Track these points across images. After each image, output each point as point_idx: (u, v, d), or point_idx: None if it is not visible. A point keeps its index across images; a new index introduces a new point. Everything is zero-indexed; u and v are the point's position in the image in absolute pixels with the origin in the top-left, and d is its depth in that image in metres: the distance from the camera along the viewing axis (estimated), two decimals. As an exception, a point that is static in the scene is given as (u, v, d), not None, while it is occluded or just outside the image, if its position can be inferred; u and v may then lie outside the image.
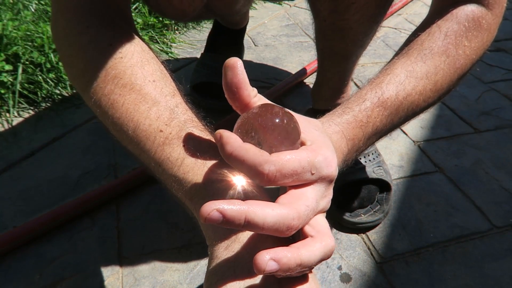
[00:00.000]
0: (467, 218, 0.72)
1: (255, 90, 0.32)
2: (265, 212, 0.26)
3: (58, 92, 0.92)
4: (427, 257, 0.65)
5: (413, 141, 0.89)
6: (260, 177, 0.28)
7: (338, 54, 0.70)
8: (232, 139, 0.28)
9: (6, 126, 0.84)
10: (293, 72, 1.06)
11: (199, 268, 0.61)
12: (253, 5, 1.48)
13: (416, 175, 0.80)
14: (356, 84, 1.07)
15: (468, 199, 0.76)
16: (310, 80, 1.06)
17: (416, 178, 0.80)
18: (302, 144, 0.31)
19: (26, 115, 0.87)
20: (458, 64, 0.45)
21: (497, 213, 0.73)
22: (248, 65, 1.10)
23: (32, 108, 0.89)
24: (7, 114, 0.86)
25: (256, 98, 0.32)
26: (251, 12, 1.43)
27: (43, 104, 0.89)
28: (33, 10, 1.10)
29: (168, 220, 0.68)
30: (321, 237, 0.29)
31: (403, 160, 0.84)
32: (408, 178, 0.80)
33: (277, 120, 0.29)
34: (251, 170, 0.28)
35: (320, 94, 0.79)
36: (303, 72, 1.06)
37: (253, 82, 1.07)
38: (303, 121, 0.34)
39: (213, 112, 0.92)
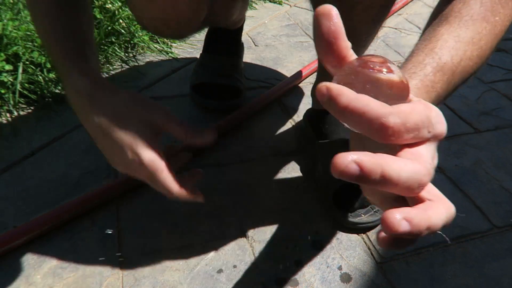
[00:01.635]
0: (467, 218, 0.72)
1: (349, 43, 0.29)
2: (399, 166, 0.24)
3: (58, 92, 0.92)
4: (428, 257, 0.65)
5: (413, 141, 0.89)
6: (384, 131, 0.24)
7: None
8: (345, 90, 0.24)
9: (7, 126, 0.84)
10: (293, 72, 1.06)
11: (199, 268, 0.61)
12: (253, 5, 1.48)
13: (416, 175, 0.80)
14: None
15: (468, 199, 0.76)
16: (310, 80, 1.06)
17: (416, 178, 0.79)
18: (409, 101, 0.28)
19: (26, 115, 0.87)
20: (497, 30, 0.44)
21: (497, 213, 0.73)
22: (248, 65, 1.10)
23: (32, 108, 0.89)
24: (8, 114, 0.86)
25: (351, 51, 0.28)
26: (251, 12, 1.43)
27: (43, 104, 0.89)
28: (33, 10, 1.10)
29: (168, 220, 0.68)
30: (442, 200, 0.27)
31: (403, 160, 0.84)
32: (408, 178, 0.79)
33: (390, 72, 0.25)
34: (373, 123, 0.24)
35: None
36: (301, 74, 1.06)
37: (253, 82, 1.07)
38: None
39: (213, 112, 0.92)
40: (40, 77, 0.91)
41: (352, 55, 0.28)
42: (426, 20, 0.51)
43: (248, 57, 1.14)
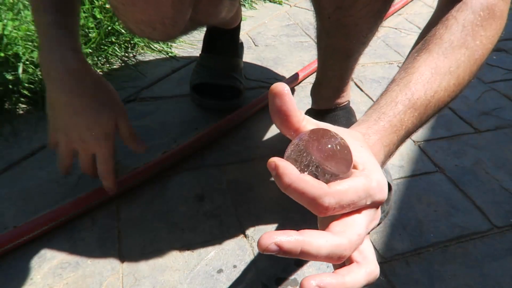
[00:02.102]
0: (468, 218, 0.72)
1: (302, 113, 0.32)
2: (319, 244, 0.27)
3: (58, 92, 0.92)
4: (428, 257, 0.65)
5: (413, 141, 0.89)
6: (320, 210, 0.28)
7: (340, 52, 0.69)
8: (289, 170, 0.27)
9: (6, 126, 0.84)
10: (293, 72, 1.06)
11: (199, 268, 0.61)
12: (253, 5, 1.48)
13: (416, 175, 0.80)
14: (356, 84, 1.07)
15: (469, 199, 0.76)
16: (310, 80, 1.06)
17: (417, 178, 0.80)
18: (354, 167, 0.32)
19: (27, 115, 0.87)
20: (477, 55, 0.45)
21: (497, 213, 0.73)
22: (248, 65, 1.10)
23: (32, 108, 0.89)
24: (8, 114, 0.86)
25: (304, 121, 0.32)
26: (251, 12, 1.43)
27: (43, 104, 0.89)
28: (33, 10, 1.10)
29: (168, 220, 0.68)
30: (367, 264, 0.30)
31: (403, 160, 0.84)
32: (409, 178, 0.80)
33: (332, 146, 0.28)
34: (310, 202, 0.28)
35: (320, 94, 0.79)
36: (297, 76, 1.06)
37: (253, 82, 1.07)
38: (348, 137, 0.33)
39: (213, 112, 0.92)
40: (40, 77, 0.91)
41: (305, 125, 0.32)
42: (426, 20, 0.51)
43: (248, 57, 1.14)
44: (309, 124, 0.32)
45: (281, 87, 0.29)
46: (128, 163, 0.77)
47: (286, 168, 0.28)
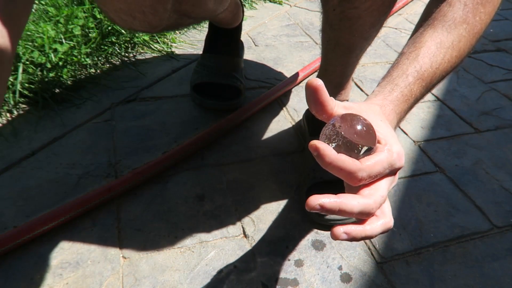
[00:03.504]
0: (468, 218, 0.72)
1: (334, 100, 0.38)
2: (352, 204, 0.34)
3: (58, 92, 0.92)
4: (428, 257, 0.65)
5: (414, 141, 0.89)
6: (355, 181, 0.35)
7: (343, 46, 0.70)
8: (328, 151, 0.33)
9: (7, 126, 0.84)
10: (293, 72, 1.06)
11: (199, 268, 0.61)
12: (253, 5, 1.48)
13: (416, 175, 0.80)
14: (356, 84, 1.07)
15: (469, 199, 0.76)
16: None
17: (417, 178, 0.80)
18: (378, 142, 0.38)
19: (27, 115, 0.87)
20: (476, 29, 0.50)
21: (497, 213, 0.73)
22: (248, 65, 1.10)
23: (32, 108, 0.89)
24: (8, 114, 0.86)
25: (336, 107, 0.38)
26: (251, 12, 1.43)
27: (44, 104, 0.89)
28: (33, 10, 1.10)
29: (168, 220, 0.68)
30: (384, 217, 0.37)
31: (403, 160, 0.84)
32: (409, 178, 0.79)
33: (360, 127, 0.36)
34: (347, 176, 0.35)
35: None
36: (297, 76, 1.06)
37: (253, 82, 1.07)
38: (370, 113, 0.41)
39: (213, 112, 0.92)
40: (40, 77, 0.91)
41: (336, 111, 0.38)
42: (426, 20, 0.51)
43: (248, 57, 1.14)
44: (339, 107, 0.38)
45: (317, 82, 0.35)
46: (128, 163, 0.77)
47: (325, 150, 0.33)
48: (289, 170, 0.79)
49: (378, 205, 0.36)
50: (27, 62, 0.92)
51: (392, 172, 0.39)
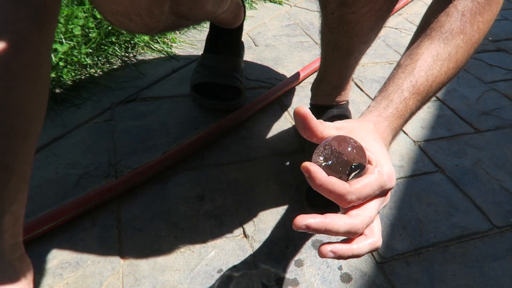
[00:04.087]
0: (468, 218, 0.72)
1: (323, 123, 0.39)
2: (339, 225, 0.35)
3: (58, 92, 0.92)
4: (428, 257, 0.65)
5: (414, 141, 0.89)
6: (344, 203, 0.36)
7: (341, 49, 0.69)
8: (318, 174, 0.34)
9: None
10: (294, 72, 1.06)
11: (199, 268, 0.61)
12: (253, 5, 1.48)
13: (416, 175, 0.80)
14: (356, 84, 1.07)
15: (469, 199, 0.76)
16: (310, 80, 1.06)
17: (417, 178, 0.80)
18: (369, 162, 0.38)
19: (26, 115, 0.87)
20: (474, 39, 0.50)
21: (497, 213, 0.73)
22: (248, 65, 1.10)
23: (32, 108, 0.89)
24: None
25: (326, 129, 0.39)
26: (251, 12, 1.43)
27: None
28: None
29: (168, 220, 0.68)
30: (372, 236, 0.38)
31: (403, 160, 0.84)
32: (409, 178, 0.79)
33: (351, 149, 0.36)
34: (337, 198, 0.35)
35: (319, 89, 0.80)
36: (298, 76, 1.06)
37: (253, 82, 1.07)
38: (362, 132, 0.41)
39: (213, 112, 0.92)
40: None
41: (326, 133, 0.39)
42: (426, 20, 0.51)
43: (248, 57, 1.14)
44: (330, 129, 0.39)
45: (304, 110, 0.37)
46: (128, 163, 0.77)
47: (316, 172, 0.34)
48: (289, 170, 0.79)
49: (365, 225, 0.37)
50: (27, 62, 0.92)
51: (383, 193, 0.39)
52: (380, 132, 0.44)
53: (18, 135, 0.39)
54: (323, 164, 0.36)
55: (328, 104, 0.79)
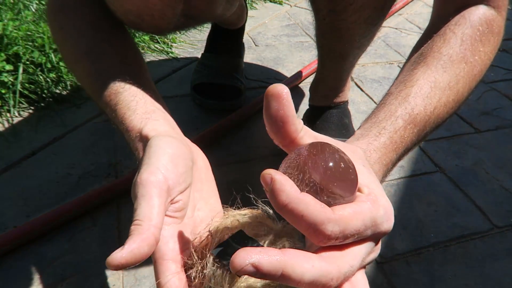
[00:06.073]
0: (468, 218, 0.72)
1: (301, 122, 0.28)
2: (305, 268, 0.23)
3: (58, 92, 0.92)
4: (428, 257, 0.65)
5: (414, 141, 0.89)
6: (320, 238, 0.24)
7: (336, 53, 0.70)
8: (288, 187, 0.23)
9: (7, 126, 0.84)
10: (294, 72, 1.06)
11: (199, 268, 0.61)
12: (254, 5, 1.48)
13: (416, 175, 0.80)
14: (356, 84, 1.07)
15: (469, 199, 0.76)
16: (310, 80, 1.06)
17: (417, 178, 0.80)
18: (359, 190, 0.28)
19: (27, 115, 0.87)
20: (476, 70, 0.43)
21: (497, 213, 0.73)
22: (249, 65, 1.10)
23: (32, 108, 0.89)
24: (8, 114, 0.86)
25: (302, 133, 0.28)
26: (252, 12, 1.43)
27: (44, 104, 0.89)
28: (33, 10, 1.10)
29: (169, 220, 0.67)
30: None
31: (403, 160, 0.84)
32: (409, 178, 0.79)
33: (335, 163, 0.24)
34: (309, 227, 0.23)
35: (317, 91, 0.80)
36: (302, 74, 1.06)
37: (254, 82, 1.07)
38: (349, 153, 0.29)
39: (213, 112, 0.92)
40: (41, 77, 0.91)
41: (303, 137, 0.28)
42: (426, 20, 0.51)
43: (249, 57, 1.14)
44: (307, 136, 0.28)
45: (280, 88, 0.25)
46: (128, 163, 0.77)
47: (283, 184, 0.23)
48: (289, 170, 0.79)
49: (341, 276, 0.24)
50: (28, 62, 0.92)
51: (375, 236, 0.27)
52: (371, 164, 0.34)
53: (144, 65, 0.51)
54: (295, 180, 0.25)
55: (327, 105, 0.79)
